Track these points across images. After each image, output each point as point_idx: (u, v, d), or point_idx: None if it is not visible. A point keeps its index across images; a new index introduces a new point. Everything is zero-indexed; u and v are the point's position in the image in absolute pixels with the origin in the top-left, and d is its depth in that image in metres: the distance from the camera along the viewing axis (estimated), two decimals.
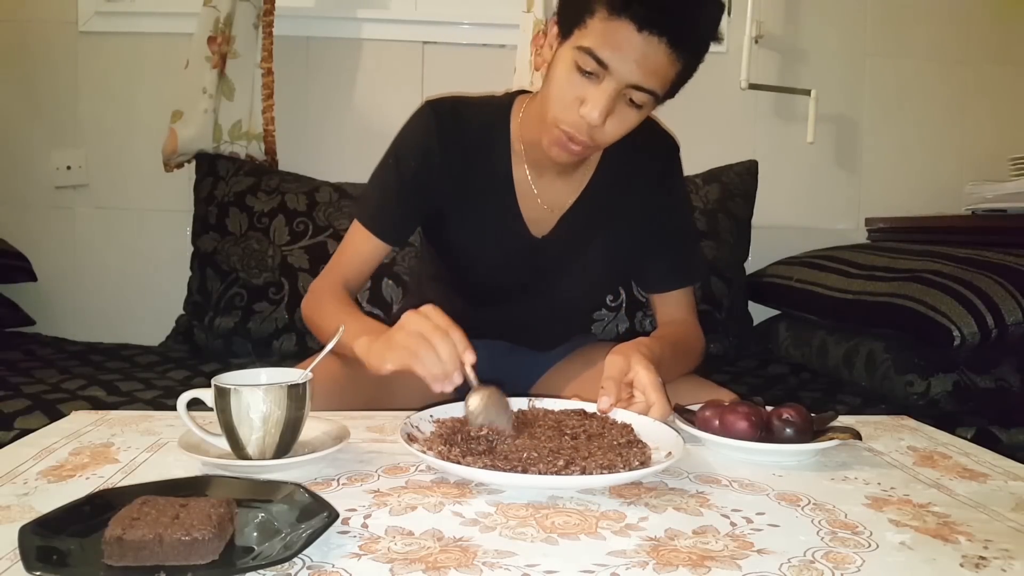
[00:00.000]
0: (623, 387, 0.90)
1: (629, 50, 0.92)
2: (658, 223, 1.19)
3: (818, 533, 0.61)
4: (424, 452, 0.73)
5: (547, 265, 1.17)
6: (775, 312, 2.00)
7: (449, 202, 1.14)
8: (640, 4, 0.90)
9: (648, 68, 0.93)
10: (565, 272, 1.18)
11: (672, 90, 1.00)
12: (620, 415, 0.86)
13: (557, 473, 0.69)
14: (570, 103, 0.97)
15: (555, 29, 1.02)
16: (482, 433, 0.77)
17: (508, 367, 1.28)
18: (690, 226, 1.31)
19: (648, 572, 0.53)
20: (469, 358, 0.82)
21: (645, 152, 1.18)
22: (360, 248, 1.15)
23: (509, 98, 1.17)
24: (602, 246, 1.18)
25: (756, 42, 2.07)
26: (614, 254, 1.19)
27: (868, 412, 1.23)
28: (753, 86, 2.04)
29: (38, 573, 0.48)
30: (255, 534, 0.57)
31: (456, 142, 1.12)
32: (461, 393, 0.83)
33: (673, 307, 1.22)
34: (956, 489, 0.73)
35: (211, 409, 0.75)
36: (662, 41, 0.91)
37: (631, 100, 0.97)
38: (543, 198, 1.14)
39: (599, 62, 0.93)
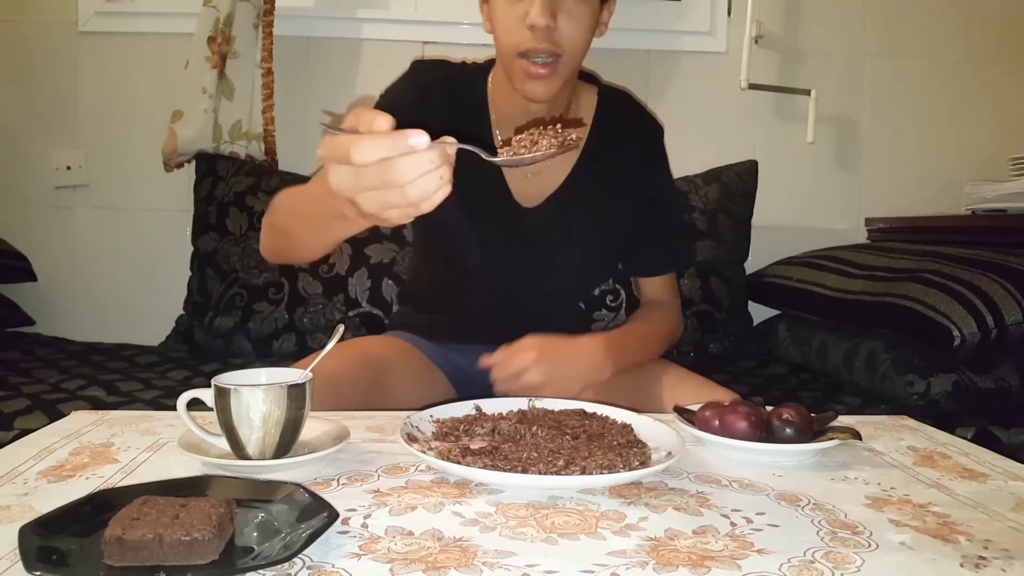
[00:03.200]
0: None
1: None
2: (645, 204, 1.21)
3: (818, 533, 0.61)
4: (424, 452, 0.73)
5: (539, 236, 1.18)
6: (775, 312, 2.00)
7: None
8: None
9: None
10: (557, 245, 1.19)
11: None
12: (620, 415, 0.87)
13: (557, 473, 0.69)
14: (515, 24, 1.00)
15: None
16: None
17: None
18: (675, 209, 1.33)
19: (648, 572, 0.53)
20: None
21: (630, 133, 1.19)
22: None
23: (488, 64, 1.19)
24: (596, 222, 1.19)
25: (756, 42, 2.07)
26: (607, 233, 1.21)
27: (868, 412, 1.23)
28: (753, 86, 2.04)
29: (38, 573, 0.48)
30: (255, 534, 0.57)
31: (441, 97, 1.14)
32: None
33: (659, 289, 1.26)
34: (956, 489, 0.73)
35: (211, 409, 0.75)
36: None
37: None
38: (526, 171, 1.15)
39: None
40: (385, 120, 0.61)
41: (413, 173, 0.60)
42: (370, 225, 0.71)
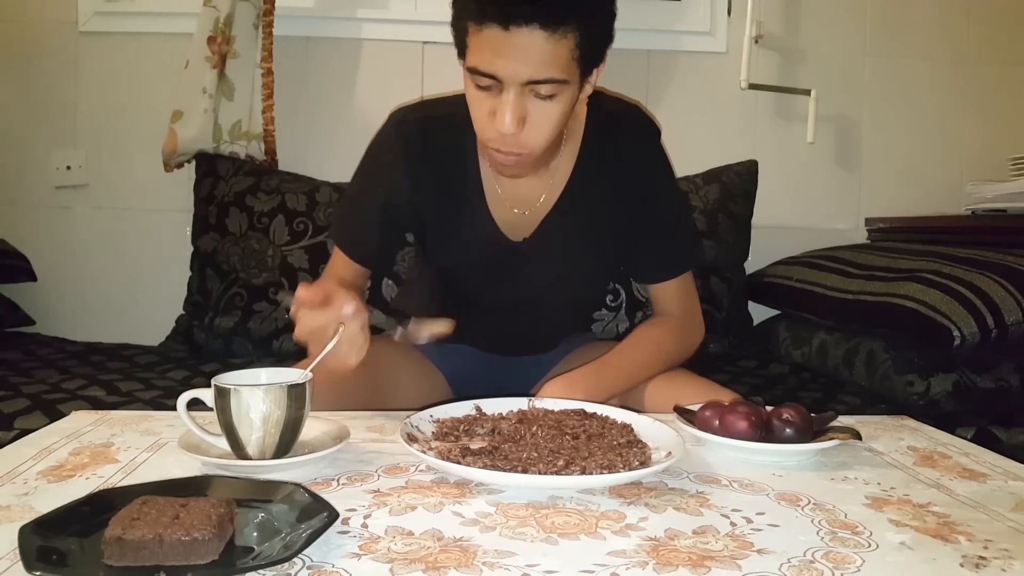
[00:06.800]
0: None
1: (507, 52, 0.89)
2: (644, 213, 1.15)
3: (818, 533, 0.61)
4: (424, 452, 0.73)
5: (532, 269, 1.15)
6: (775, 312, 2.00)
7: (425, 216, 1.14)
8: (494, 3, 0.87)
9: (535, 60, 0.89)
10: (553, 274, 1.16)
11: (586, 63, 0.95)
12: (620, 415, 0.87)
13: (557, 473, 0.69)
14: (485, 119, 0.95)
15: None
16: None
17: (507, 372, 1.28)
18: (678, 211, 1.25)
19: (648, 572, 0.53)
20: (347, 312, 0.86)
21: (624, 142, 1.14)
22: (345, 273, 1.15)
23: None
24: (590, 245, 1.16)
25: (756, 42, 2.06)
26: (603, 251, 1.18)
27: (868, 412, 1.23)
28: (753, 86, 2.04)
29: (38, 573, 0.48)
30: (255, 534, 0.57)
31: (423, 160, 1.10)
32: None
33: (665, 298, 1.20)
34: (956, 489, 0.73)
35: (211, 409, 0.75)
36: (533, 29, 0.87)
37: (540, 95, 0.92)
38: (514, 202, 1.12)
39: (487, 76, 0.91)
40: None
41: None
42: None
